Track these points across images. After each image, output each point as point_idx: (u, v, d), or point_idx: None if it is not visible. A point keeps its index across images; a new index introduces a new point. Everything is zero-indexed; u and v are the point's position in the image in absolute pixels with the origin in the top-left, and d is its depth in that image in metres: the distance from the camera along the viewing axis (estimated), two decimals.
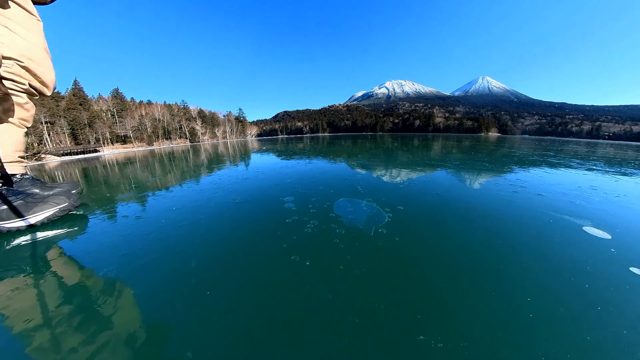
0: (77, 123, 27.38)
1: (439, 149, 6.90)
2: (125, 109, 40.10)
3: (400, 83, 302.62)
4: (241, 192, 1.97)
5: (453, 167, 3.23)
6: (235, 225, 1.30)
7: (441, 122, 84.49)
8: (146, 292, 0.75)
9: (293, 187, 2.08)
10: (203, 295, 0.74)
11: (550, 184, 2.22)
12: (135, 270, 0.87)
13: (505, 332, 0.60)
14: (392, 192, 1.91)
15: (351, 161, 3.84)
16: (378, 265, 0.89)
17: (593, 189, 2.09)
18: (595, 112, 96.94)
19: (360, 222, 1.27)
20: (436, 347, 0.54)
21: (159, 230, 1.25)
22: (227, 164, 4.20)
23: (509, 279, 0.79)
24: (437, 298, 0.71)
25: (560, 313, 0.65)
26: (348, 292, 0.74)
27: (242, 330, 0.60)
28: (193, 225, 1.29)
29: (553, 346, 0.55)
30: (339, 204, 1.56)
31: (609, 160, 4.56)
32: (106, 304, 0.69)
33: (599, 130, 68.24)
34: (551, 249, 1.00)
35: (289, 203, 1.65)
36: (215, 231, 1.23)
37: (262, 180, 2.42)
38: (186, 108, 51.62)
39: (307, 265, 0.90)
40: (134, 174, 3.41)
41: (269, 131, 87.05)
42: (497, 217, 1.35)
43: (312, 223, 1.28)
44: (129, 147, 35.57)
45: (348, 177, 2.44)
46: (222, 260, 0.95)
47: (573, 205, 1.58)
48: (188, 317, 0.66)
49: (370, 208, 1.47)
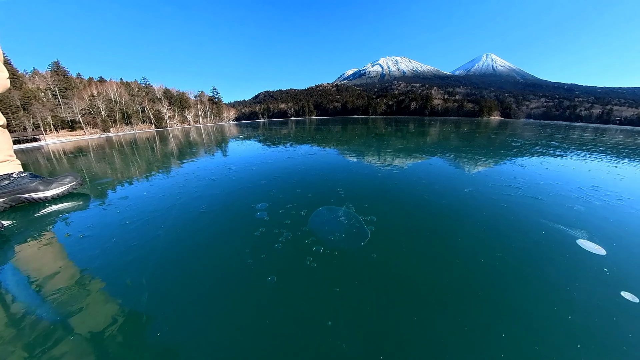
0: (5, 105, 25.11)
1: (434, 136, 7.01)
2: (70, 87, 37.46)
3: (395, 60, 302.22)
4: (206, 198, 1.93)
5: (445, 160, 3.29)
6: (200, 241, 1.28)
7: (439, 104, 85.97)
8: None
9: (267, 191, 2.05)
10: (153, 343, 0.72)
11: (549, 184, 2.31)
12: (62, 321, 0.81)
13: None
14: (376, 195, 1.93)
15: (336, 155, 3.83)
16: (356, 287, 0.90)
17: (594, 189, 2.20)
18: (607, 95, 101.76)
19: (338, 237, 1.27)
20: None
21: (103, 256, 1.19)
22: (197, 156, 4.08)
23: (486, 308, 0.83)
24: (419, 324, 0.73)
25: (537, 350, 0.68)
26: (320, 322, 0.75)
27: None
28: (149, 246, 1.25)
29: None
30: (317, 214, 1.56)
31: (617, 152, 4.78)
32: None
33: (609, 114, 72.00)
34: (539, 268, 1.05)
35: (261, 212, 1.63)
36: (175, 250, 1.19)
37: (233, 181, 2.37)
38: (149, 87, 49.12)
39: (274, 285, 0.90)
40: (84, 171, 3.24)
41: (249, 114, 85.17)
42: (488, 227, 1.40)
43: (284, 236, 1.27)
44: (79, 134, 33.51)
45: (330, 176, 2.44)
46: (179, 296, 0.92)
47: (570, 212, 1.65)
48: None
49: (350, 219, 1.48)
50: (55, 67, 39.23)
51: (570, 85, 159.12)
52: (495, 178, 2.54)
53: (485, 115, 72.43)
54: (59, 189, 2.13)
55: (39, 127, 27.23)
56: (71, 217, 1.69)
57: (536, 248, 1.23)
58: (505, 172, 2.80)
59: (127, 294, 0.93)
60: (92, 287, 0.98)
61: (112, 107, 39.41)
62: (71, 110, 35.20)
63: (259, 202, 1.79)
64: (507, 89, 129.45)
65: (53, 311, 0.82)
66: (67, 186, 2.15)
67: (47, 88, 35.66)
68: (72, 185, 2.16)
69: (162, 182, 2.52)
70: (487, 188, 2.18)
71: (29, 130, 25.21)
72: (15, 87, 27.76)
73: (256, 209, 1.67)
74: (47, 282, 1.01)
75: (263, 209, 1.67)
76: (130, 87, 43.20)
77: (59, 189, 2.13)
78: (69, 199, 2.04)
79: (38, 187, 2.03)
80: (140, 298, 0.90)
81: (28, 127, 24.75)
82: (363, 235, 1.31)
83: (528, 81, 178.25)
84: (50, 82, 36.09)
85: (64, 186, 2.15)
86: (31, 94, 30.06)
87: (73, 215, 1.72)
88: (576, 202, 1.89)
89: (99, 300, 0.89)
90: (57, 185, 2.13)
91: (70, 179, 2.20)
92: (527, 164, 3.29)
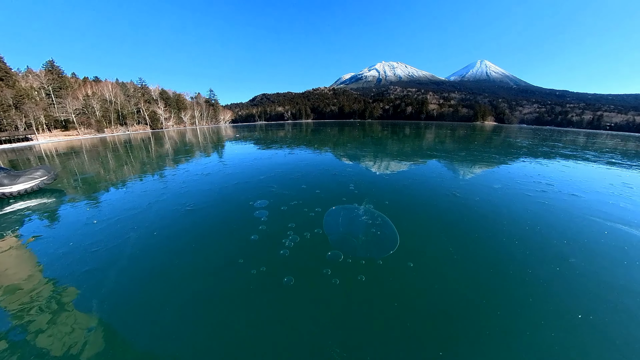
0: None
1: (439, 138, 6.82)
2: (64, 87, 36.71)
3: (392, 65, 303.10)
4: (195, 195, 1.66)
5: (459, 158, 3.08)
6: (181, 246, 1.01)
7: (435, 109, 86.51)
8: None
9: (267, 186, 1.79)
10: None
11: (577, 180, 2.10)
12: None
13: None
14: (396, 191, 1.68)
15: (340, 152, 3.59)
16: (396, 315, 0.64)
17: (628, 186, 1.99)
18: (598, 101, 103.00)
19: (361, 242, 1.02)
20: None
21: (50, 268, 0.92)
22: (189, 154, 3.82)
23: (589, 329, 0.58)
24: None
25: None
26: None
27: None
28: (114, 252, 0.98)
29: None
30: (330, 214, 1.30)
31: (625, 152, 4.67)
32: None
33: (600, 120, 73.11)
34: (618, 276, 0.81)
35: (260, 210, 1.36)
36: (147, 257, 0.93)
37: (227, 176, 2.11)
38: (145, 88, 48.53)
39: (282, 310, 0.63)
40: (66, 167, 2.95)
41: (246, 116, 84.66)
42: (545, 228, 1.15)
43: (291, 240, 1.01)
44: (73, 134, 32.79)
45: (337, 171, 2.19)
46: (142, 327, 0.66)
47: (617, 209, 1.43)
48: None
49: (374, 218, 1.22)
50: (49, 66, 38.57)
51: (562, 91, 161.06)
52: (520, 174, 2.30)
53: (480, 120, 72.82)
54: (27, 184, 1.85)
55: (31, 127, 26.62)
56: (33, 216, 1.41)
57: (603, 251, 0.98)
58: (527, 169, 2.58)
59: (68, 320, 0.66)
60: (17, 304, 0.71)
61: (107, 107, 38.98)
62: (65, 110, 34.65)
63: (257, 200, 1.53)
64: (501, 95, 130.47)
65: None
66: (38, 181, 1.89)
67: (41, 87, 35.00)
68: (43, 180, 1.90)
69: (148, 178, 2.23)
70: (515, 184, 1.94)
71: (20, 129, 24.56)
72: (8, 86, 27.10)
73: (254, 207, 1.40)
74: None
75: (263, 207, 1.40)
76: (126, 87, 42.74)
77: (27, 184, 1.85)
78: (39, 195, 1.78)
79: (2, 181, 1.76)
80: (91, 307, 0.63)
81: (20, 126, 24.15)
82: (392, 238, 1.05)
83: (521, 87, 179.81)
84: (44, 81, 35.39)
85: (34, 181, 1.88)
86: (24, 92, 29.34)
87: (36, 214, 1.43)
88: (618, 199, 1.66)
89: (28, 318, 0.63)
90: (26, 179, 1.85)
91: (42, 173, 1.92)
92: (544, 162, 3.10)
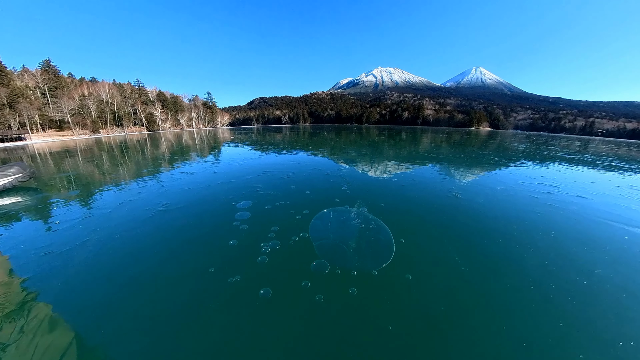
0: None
1: (436, 143, 6.78)
2: (60, 86, 36.30)
3: (389, 71, 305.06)
4: (173, 194, 1.52)
5: (459, 162, 2.99)
6: (145, 252, 0.87)
7: (431, 114, 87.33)
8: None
9: (253, 186, 1.66)
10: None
11: (582, 182, 2.00)
12: None
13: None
14: (393, 194, 1.56)
15: (336, 154, 3.48)
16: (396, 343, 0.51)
17: (634, 189, 1.89)
18: (590, 108, 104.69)
19: (352, 250, 0.89)
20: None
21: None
22: (180, 154, 3.69)
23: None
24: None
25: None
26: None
27: None
28: (66, 255, 0.84)
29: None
30: (319, 217, 1.17)
31: (621, 157, 4.67)
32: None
33: (592, 126, 74.53)
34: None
35: (242, 211, 1.23)
36: (103, 263, 0.79)
37: (212, 175, 1.97)
38: (142, 89, 48.32)
39: (251, 332, 0.50)
40: (54, 168, 2.80)
41: (243, 120, 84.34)
42: (549, 231, 1.03)
43: (270, 245, 0.87)
44: (67, 134, 32.32)
45: (331, 171, 2.07)
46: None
47: (631, 212, 1.32)
48: None
49: (367, 223, 1.10)
50: (46, 66, 38.16)
51: (555, 98, 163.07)
52: (523, 177, 2.19)
53: (475, 126, 73.48)
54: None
55: (25, 126, 26.14)
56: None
57: (620, 256, 0.87)
58: (530, 172, 2.49)
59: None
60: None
61: (103, 108, 38.62)
62: (60, 110, 34.21)
63: (241, 200, 1.39)
64: (496, 101, 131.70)
65: None
66: (11, 178, 1.76)
67: (37, 86, 34.52)
68: (17, 178, 1.77)
69: (129, 177, 2.09)
70: (519, 185, 1.84)
71: (14, 128, 24.06)
72: (2, 84, 26.57)
73: (236, 208, 1.27)
74: None
75: (245, 208, 1.26)
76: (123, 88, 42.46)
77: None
78: (12, 193, 1.65)
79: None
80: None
81: (13, 126, 23.67)
82: (387, 246, 0.92)
83: (515, 94, 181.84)
84: (39, 80, 34.94)
85: (6, 178, 1.74)
86: (19, 91, 28.89)
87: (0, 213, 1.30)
88: (628, 201, 1.56)
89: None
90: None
91: (16, 170, 1.78)
92: (545, 164, 3.04)
